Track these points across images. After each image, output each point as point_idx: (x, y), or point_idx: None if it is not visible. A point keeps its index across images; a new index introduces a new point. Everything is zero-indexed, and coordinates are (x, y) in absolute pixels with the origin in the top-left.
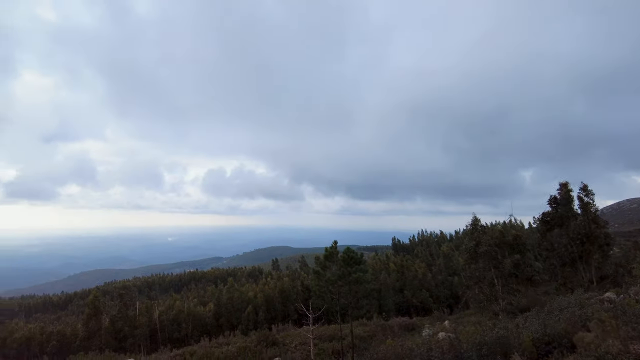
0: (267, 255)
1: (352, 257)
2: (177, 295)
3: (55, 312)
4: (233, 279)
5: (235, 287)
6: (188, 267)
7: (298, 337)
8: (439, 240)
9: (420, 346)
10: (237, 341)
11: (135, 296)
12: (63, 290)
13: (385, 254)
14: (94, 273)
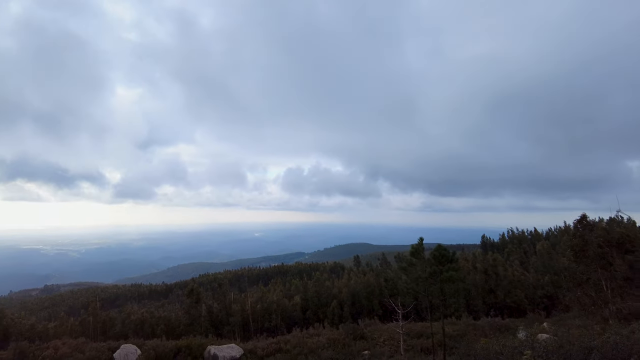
0: (347, 252)
1: (443, 254)
2: (265, 287)
3: (159, 300)
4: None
5: (321, 281)
6: (273, 261)
7: (386, 332)
8: (533, 238)
9: (521, 345)
10: (326, 333)
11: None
12: (164, 280)
13: (473, 253)
14: (190, 265)
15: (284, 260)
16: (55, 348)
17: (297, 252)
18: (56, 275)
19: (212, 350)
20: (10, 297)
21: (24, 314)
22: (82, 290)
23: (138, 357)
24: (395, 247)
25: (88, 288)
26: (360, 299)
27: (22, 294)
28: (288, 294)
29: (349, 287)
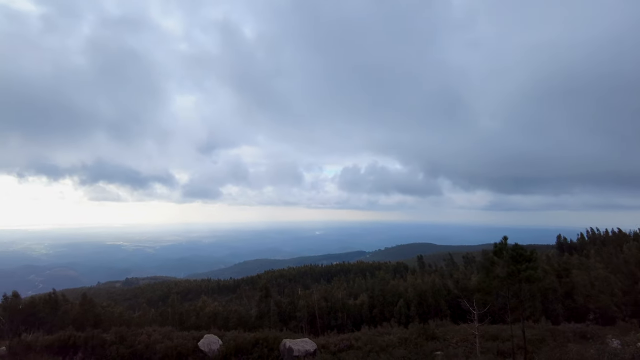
0: (410, 252)
1: (521, 253)
2: (328, 285)
3: (228, 295)
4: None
5: (386, 280)
6: (334, 259)
7: (458, 333)
8: (618, 239)
9: (621, 353)
10: (396, 332)
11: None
12: (231, 276)
13: (546, 254)
14: (254, 262)
15: (345, 259)
16: (148, 334)
17: (358, 251)
18: (135, 269)
19: (288, 343)
20: (98, 288)
21: (111, 304)
22: (158, 284)
23: (220, 346)
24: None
25: (163, 282)
26: (427, 299)
27: (107, 285)
28: (352, 292)
29: (415, 287)
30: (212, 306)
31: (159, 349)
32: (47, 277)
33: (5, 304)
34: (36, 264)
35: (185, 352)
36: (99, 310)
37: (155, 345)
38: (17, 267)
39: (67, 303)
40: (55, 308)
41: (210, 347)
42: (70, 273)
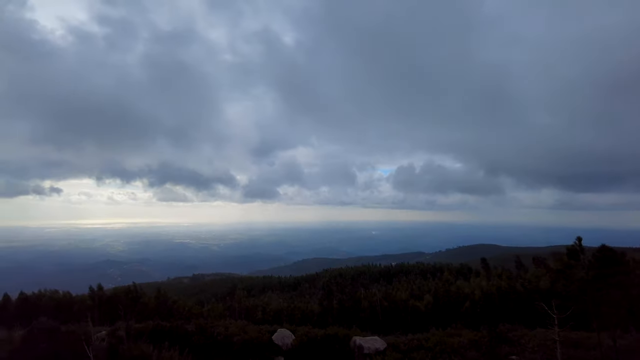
0: (472, 253)
1: (608, 256)
2: (389, 285)
3: (288, 292)
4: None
5: (449, 282)
6: (391, 260)
7: (534, 338)
8: None
9: None
10: (466, 334)
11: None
12: (290, 274)
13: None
14: (313, 260)
15: (403, 260)
16: (225, 327)
17: (417, 252)
18: (201, 266)
19: (358, 341)
20: (168, 283)
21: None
22: (222, 280)
23: (293, 340)
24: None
25: (227, 278)
26: (494, 301)
27: (176, 280)
28: (413, 293)
29: (482, 289)
30: (277, 302)
31: (237, 340)
32: (124, 272)
33: (92, 294)
34: (114, 259)
35: (260, 345)
36: (170, 303)
37: (233, 337)
38: (98, 262)
39: (145, 296)
40: (134, 300)
41: (284, 341)
42: (143, 268)
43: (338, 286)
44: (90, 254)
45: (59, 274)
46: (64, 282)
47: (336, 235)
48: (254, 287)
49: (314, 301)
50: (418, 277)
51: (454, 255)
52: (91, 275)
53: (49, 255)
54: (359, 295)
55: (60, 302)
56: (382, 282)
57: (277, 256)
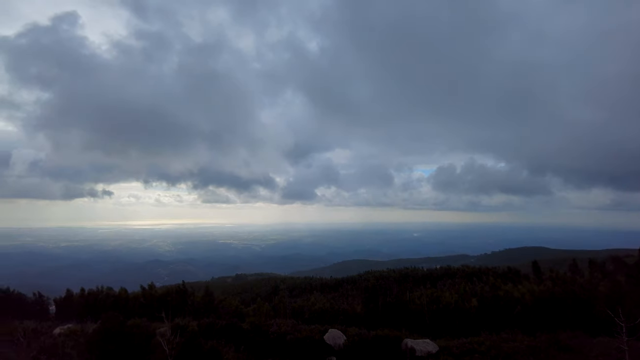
0: (520, 256)
1: None
2: (433, 288)
3: (330, 292)
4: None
5: (497, 286)
6: (434, 262)
7: (596, 347)
8: None
9: None
10: (522, 339)
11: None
12: (331, 275)
13: None
14: (353, 262)
15: (447, 262)
16: (278, 325)
17: (461, 255)
18: (243, 266)
19: (409, 343)
20: (213, 282)
21: (228, 297)
22: (265, 280)
23: (345, 341)
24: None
25: (269, 278)
26: (548, 307)
27: (220, 280)
28: (460, 296)
29: (533, 294)
30: (321, 303)
31: (289, 339)
32: (171, 271)
33: (145, 292)
34: (162, 259)
35: (313, 344)
36: (216, 302)
37: (286, 335)
38: (147, 262)
39: (193, 294)
40: (184, 298)
41: (335, 341)
42: (188, 268)
43: (383, 288)
44: (139, 254)
45: (112, 272)
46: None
47: (376, 236)
48: (295, 287)
49: (356, 303)
50: (463, 281)
51: (500, 258)
52: (141, 274)
53: (104, 254)
54: (406, 297)
55: (116, 298)
56: (427, 285)
57: (317, 257)
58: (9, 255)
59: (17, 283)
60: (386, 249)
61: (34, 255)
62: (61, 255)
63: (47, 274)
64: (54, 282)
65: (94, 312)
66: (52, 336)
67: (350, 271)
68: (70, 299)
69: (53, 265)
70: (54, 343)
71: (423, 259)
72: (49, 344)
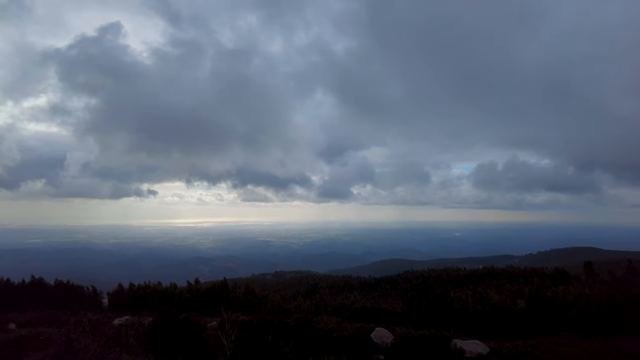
0: (568, 257)
1: None
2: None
3: (368, 292)
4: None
5: (544, 288)
6: (476, 263)
7: None
8: None
9: None
10: (579, 344)
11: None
12: (369, 274)
13: None
14: (391, 261)
15: (489, 263)
16: (325, 322)
17: (505, 255)
18: (282, 263)
19: (459, 344)
20: (252, 279)
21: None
22: (303, 277)
23: (392, 340)
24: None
25: (307, 276)
26: (604, 311)
27: (260, 277)
28: (506, 297)
29: (587, 297)
30: (361, 302)
31: (336, 336)
32: (212, 268)
33: (190, 287)
34: (203, 255)
35: (360, 342)
36: (260, 298)
37: (333, 333)
38: (189, 258)
39: (236, 291)
40: (226, 294)
41: (383, 340)
42: (229, 264)
43: (425, 288)
44: (182, 251)
45: (157, 268)
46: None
47: (415, 236)
48: (334, 285)
49: (397, 302)
50: (508, 281)
51: (547, 258)
52: (184, 270)
53: (149, 251)
54: (451, 297)
55: (164, 292)
56: (470, 286)
57: (354, 256)
58: (65, 251)
59: (73, 277)
60: (425, 248)
61: (87, 251)
62: (110, 251)
63: (98, 269)
64: (105, 277)
65: (143, 306)
66: (112, 326)
67: (388, 271)
68: (121, 292)
69: (103, 261)
70: (117, 333)
71: (464, 259)
72: (112, 333)
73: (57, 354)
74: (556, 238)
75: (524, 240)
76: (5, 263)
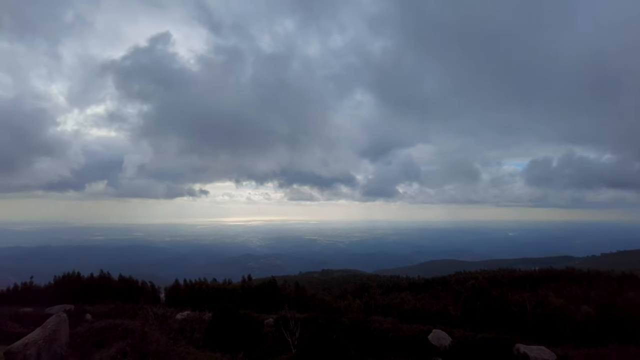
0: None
1: None
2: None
3: (420, 293)
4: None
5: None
6: (532, 264)
7: None
8: None
9: None
10: None
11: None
12: (418, 274)
13: None
14: (441, 262)
15: (547, 264)
16: (379, 322)
17: (563, 256)
18: (329, 262)
19: (522, 349)
20: (300, 276)
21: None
22: (350, 276)
23: (451, 342)
24: None
25: (354, 275)
26: None
27: (307, 275)
28: (568, 300)
29: None
30: (412, 303)
31: (392, 337)
32: (261, 265)
33: (243, 284)
34: (253, 253)
35: (416, 343)
36: (309, 296)
37: (388, 333)
38: (240, 256)
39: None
40: (275, 291)
41: (440, 342)
42: (277, 262)
43: (479, 289)
44: (233, 248)
45: (208, 265)
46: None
47: (466, 236)
48: (382, 285)
49: (449, 303)
50: (568, 285)
51: (612, 261)
52: (234, 267)
53: (202, 248)
54: (508, 299)
55: (217, 289)
56: (526, 288)
57: (402, 256)
58: (125, 248)
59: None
60: (477, 249)
61: (144, 249)
62: (166, 249)
63: (155, 265)
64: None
65: (198, 301)
66: (176, 320)
67: (438, 271)
68: (177, 288)
69: (159, 258)
70: (181, 326)
71: (519, 260)
72: (176, 327)
73: (134, 344)
74: (622, 239)
75: (585, 241)
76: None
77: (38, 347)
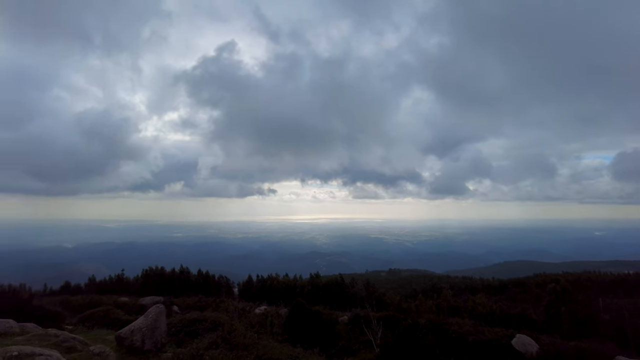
0: None
1: None
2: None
3: (495, 295)
4: None
5: None
6: (625, 267)
7: None
8: None
9: None
10: None
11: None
12: (493, 276)
13: None
14: (517, 263)
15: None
16: (458, 325)
17: None
18: (396, 261)
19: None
20: (366, 275)
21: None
22: (420, 276)
23: (538, 349)
24: None
25: (424, 275)
26: None
27: (373, 274)
28: None
29: None
30: (487, 307)
31: (472, 340)
32: (328, 262)
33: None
34: (319, 250)
35: (499, 349)
36: (379, 295)
37: (468, 336)
38: (307, 253)
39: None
40: (342, 288)
41: (526, 349)
42: (343, 260)
43: (563, 293)
44: (300, 245)
45: (278, 261)
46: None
47: (545, 235)
48: (453, 286)
49: (527, 307)
50: None
51: None
52: (301, 264)
53: (271, 245)
54: (598, 305)
55: (287, 285)
56: (618, 293)
57: (474, 256)
58: (201, 244)
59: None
60: (558, 249)
61: (219, 245)
62: (238, 245)
63: (228, 261)
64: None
65: (270, 296)
66: (255, 315)
67: (514, 273)
68: (250, 283)
69: (232, 254)
70: (261, 321)
71: (609, 262)
72: (257, 321)
73: (224, 336)
74: None
75: None
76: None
77: (142, 334)
